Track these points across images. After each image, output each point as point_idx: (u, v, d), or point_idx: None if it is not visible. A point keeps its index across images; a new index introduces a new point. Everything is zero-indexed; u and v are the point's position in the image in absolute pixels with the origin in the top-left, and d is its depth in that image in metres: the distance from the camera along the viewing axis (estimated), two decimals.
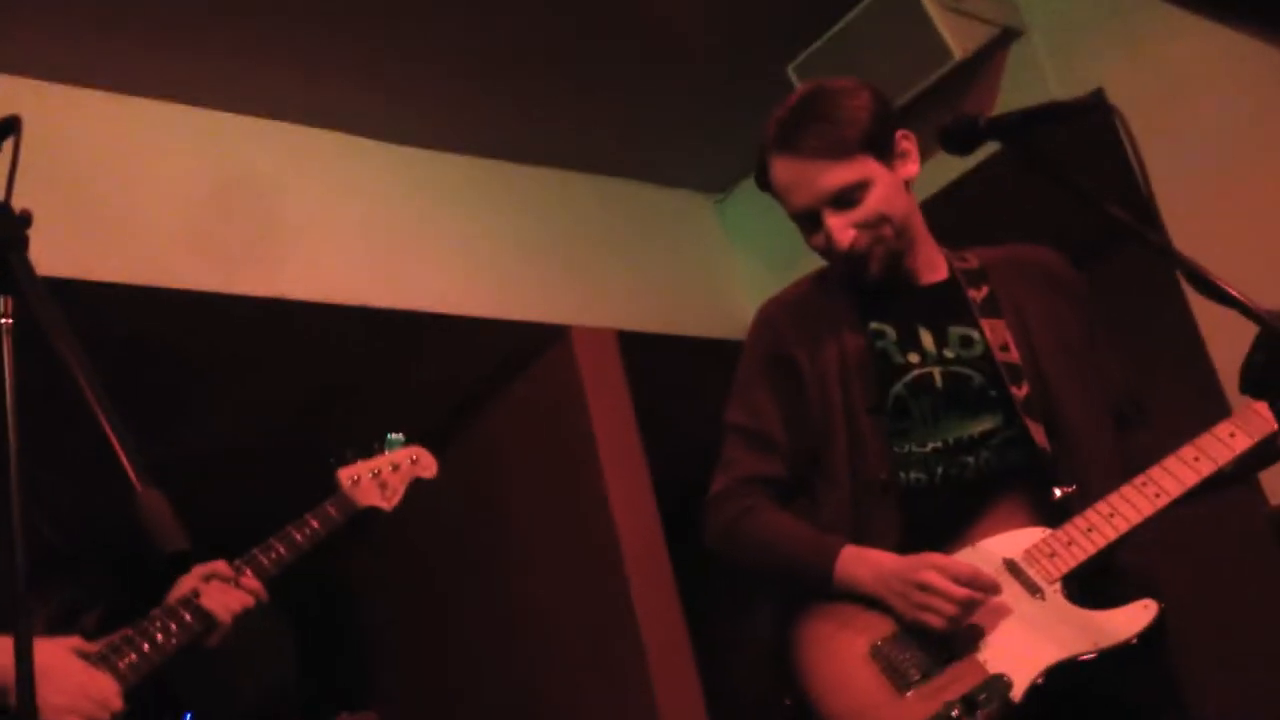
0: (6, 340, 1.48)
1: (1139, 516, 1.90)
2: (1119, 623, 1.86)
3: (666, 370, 4.69)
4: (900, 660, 1.89)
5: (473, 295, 4.22)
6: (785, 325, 2.20)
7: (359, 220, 4.08)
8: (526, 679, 4.54)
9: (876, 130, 2.06)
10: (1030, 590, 1.91)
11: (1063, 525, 1.93)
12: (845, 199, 2.05)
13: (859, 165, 2.04)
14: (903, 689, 1.86)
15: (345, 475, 2.63)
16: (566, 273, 4.51)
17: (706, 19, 4.01)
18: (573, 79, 4.15)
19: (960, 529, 1.98)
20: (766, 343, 2.22)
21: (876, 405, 2.07)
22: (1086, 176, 1.74)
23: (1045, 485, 1.98)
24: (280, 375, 4.31)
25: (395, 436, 2.79)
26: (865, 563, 1.96)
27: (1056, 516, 1.95)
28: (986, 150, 1.86)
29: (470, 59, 3.95)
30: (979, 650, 1.87)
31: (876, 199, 2.06)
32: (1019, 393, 2.04)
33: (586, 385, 4.36)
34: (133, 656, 2.08)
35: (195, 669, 2.24)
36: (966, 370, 2.08)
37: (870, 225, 2.06)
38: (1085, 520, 1.92)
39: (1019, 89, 3.99)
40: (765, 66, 4.04)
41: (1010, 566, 1.93)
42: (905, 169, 2.11)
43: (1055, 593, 1.90)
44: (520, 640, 4.58)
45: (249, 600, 2.24)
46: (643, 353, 4.52)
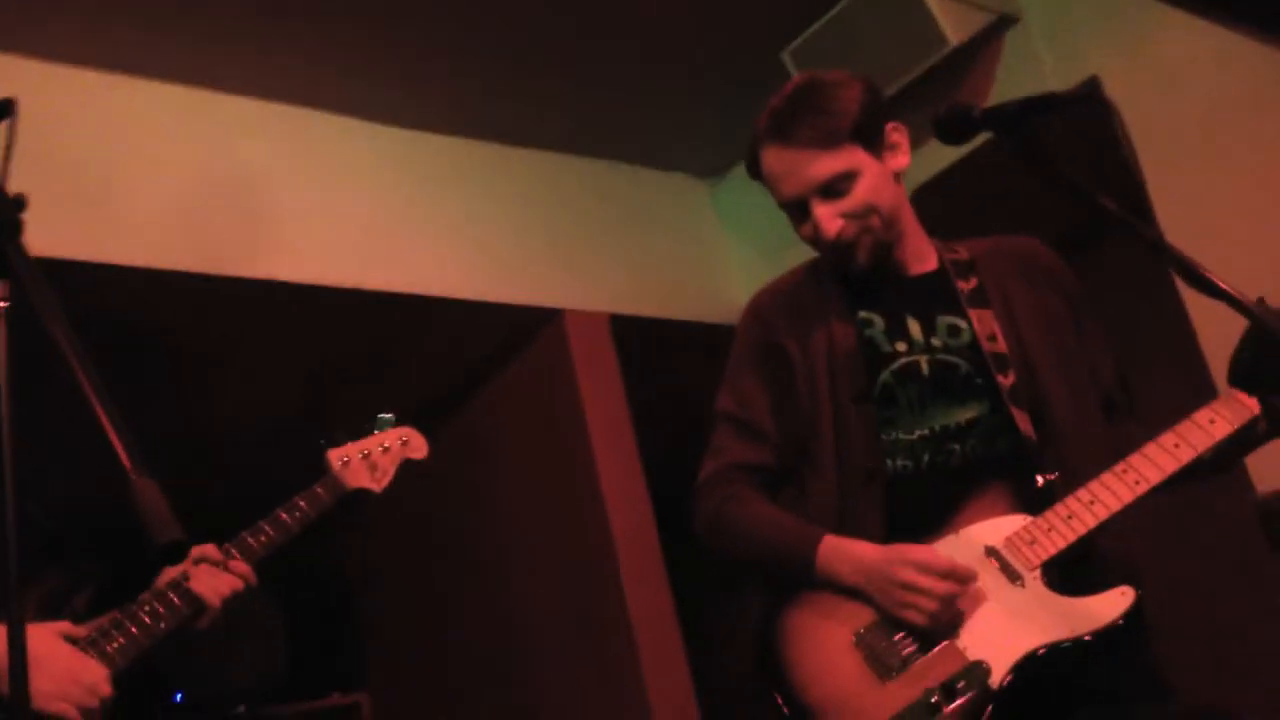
0: (1, 324, 1.48)
1: (1119, 504, 1.91)
2: (1096, 609, 1.87)
3: (659, 354, 4.70)
4: (882, 648, 1.90)
5: (465, 278, 4.22)
6: (776, 315, 2.21)
7: (353, 203, 4.07)
8: (515, 659, 4.56)
9: (866, 121, 2.07)
10: (1010, 577, 1.92)
11: (1043, 513, 1.95)
12: (833, 189, 2.06)
13: (847, 155, 2.05)
14: (884, 677, 1.87)
15: (335, 457, 2.63)
16: (559, 256, 4.50)
17: (702, 4, 4.00)
18: (568, 63, 4.15)
19: (945, 516, 1.99)
20: (757, 332, 2.23)
21: (864, 393, 2.08)
22: (1078, 168, 1.75)
23: (1030, 473, 1.99)
24: (273, 357, 4.32)
25: (385, 417, 2.78)
26: (844, 556, 1.97)
27: (1039, 504, 1.96)
28: (977, 139, 1.86)
29: (465, 42, 3.94)
30: (959, 637, 1.89)
31: (864, 189, 2.07)
32: (1005, 381, 2.05)
33: (578, 368, 4.37)
34: (121, 640, 2.09)
35: (184, 652, 2.25)
36: (953, 359, 2.09)
37: (858, 215, 2.07)
38: (1066, 508, 1.93)
39: (1015, 75, 3.98)
40: (760, 52, 4.04)
41: (992, 553, 1.95)
42: (895, 161, 2.12)
43: (1035, 580, 1.91)
44: (509, 621, 4.60)
45: (238, 584, 2.25)
46: (635, 336, 4.53)
